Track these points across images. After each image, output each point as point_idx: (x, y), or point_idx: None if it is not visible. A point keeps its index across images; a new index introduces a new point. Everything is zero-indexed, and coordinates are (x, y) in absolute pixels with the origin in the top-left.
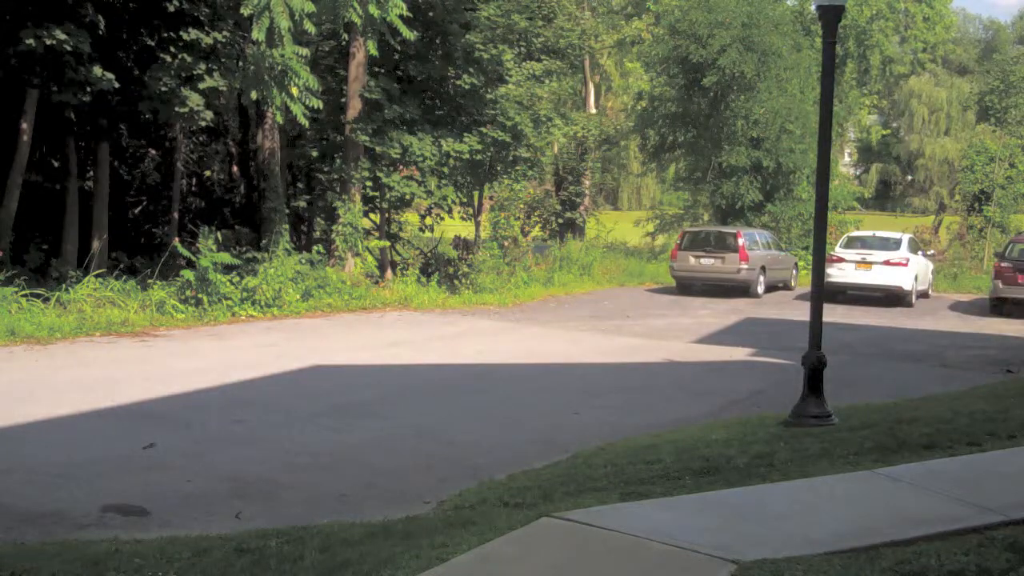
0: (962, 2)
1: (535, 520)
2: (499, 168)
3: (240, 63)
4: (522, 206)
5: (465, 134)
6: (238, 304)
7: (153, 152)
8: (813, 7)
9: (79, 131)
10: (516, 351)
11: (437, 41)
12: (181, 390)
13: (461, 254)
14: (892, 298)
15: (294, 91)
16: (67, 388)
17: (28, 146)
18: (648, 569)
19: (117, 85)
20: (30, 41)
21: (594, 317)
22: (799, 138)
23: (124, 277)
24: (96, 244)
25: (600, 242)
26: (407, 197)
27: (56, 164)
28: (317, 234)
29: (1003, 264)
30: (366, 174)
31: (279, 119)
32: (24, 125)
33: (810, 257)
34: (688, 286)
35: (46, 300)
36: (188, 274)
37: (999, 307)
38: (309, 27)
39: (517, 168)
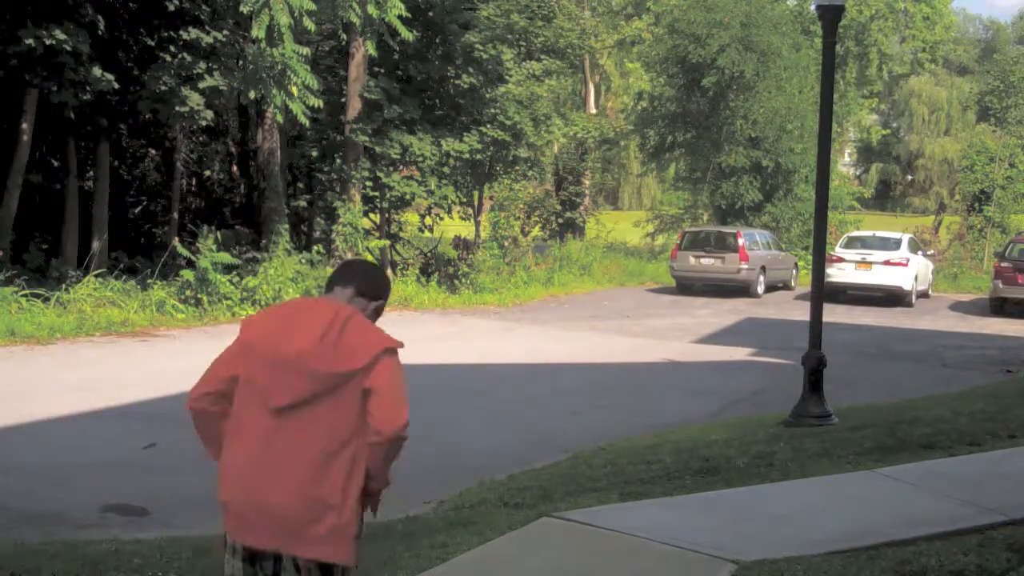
0: (962, 2)
1: (535, 520)
2: (499, 168)
3: (240, 62)
4: (522, 206)
5: (465, 134)
6: (238, 304)
7: (153, 152)
8: (813, 7)
9: (79, 131)
10: (516, 351)
11: (437, 41)
12: (181, 390)
13: (461, 254)
14: (892, 298)
15: (293, 90)
16: (67, 388)
17: (28, 146)
18: (648, 569)
19: (117, 86)
20: (29, 41)
21: (594, 317)
22: (798, 138)
23: (124, 277)
24: (96, 244)
25: (600, 242)
26: (407, 197)
27: (56, 164)
28: (317, 234)
29: (1003, 264)
30: (366, 174)
31: (279, 118)
32: (24, 125)
33: (810, 257)
34: (688, 286)
35: (46, 300)
36: (188, 274)
37: (999, 307)
38: (309, 25)
39: (517, 168)
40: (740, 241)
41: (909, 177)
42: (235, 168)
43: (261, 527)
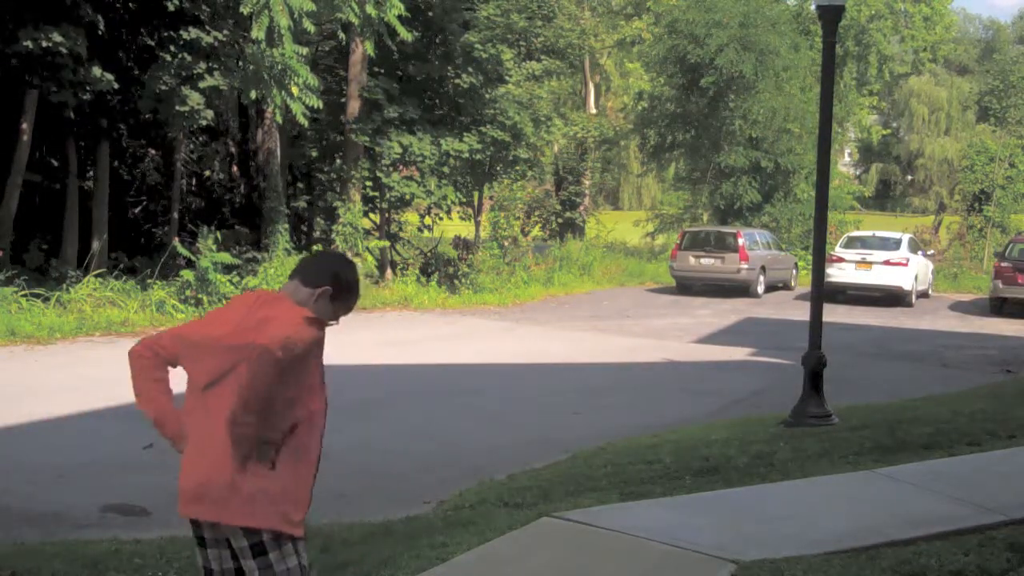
0: (962, 2)
1: (535, 520)
2: (499, 168)
3: (240, 62)
4: (522, 206)
5: (465, 134)
6: None
7: (153, 152)
8: (813, 7)
9: (79, 131)
10: (516, 351)
11: (436, 41)
12: (180, 390)
13: (461, 254)
14: (892, 298)
15: (294, 90)
16: (67, 388)
17: (28, 146)
18: (648, 569)
19: (116, 86)
20: (27, 42)
21: (594, 317)
22: (798, 138)
23: (124, 277)
24: (96, 244)
25: (600, 242)
26: (407, 197)
27: (56, 164)
28: (317, 234)
29: (1003, 264)
30: (366, 174)
31: (279, 118)
32: (24, 125)
33: (810, 257)
34: (688, 286)
35: (46, 300)
36: (188, 274)
37: (999, 307)
38: (308, 26)
39: (517, 168)
40: (740, 241)
41: (909, 177)
42: (235, 168)
43: (199, 500)
